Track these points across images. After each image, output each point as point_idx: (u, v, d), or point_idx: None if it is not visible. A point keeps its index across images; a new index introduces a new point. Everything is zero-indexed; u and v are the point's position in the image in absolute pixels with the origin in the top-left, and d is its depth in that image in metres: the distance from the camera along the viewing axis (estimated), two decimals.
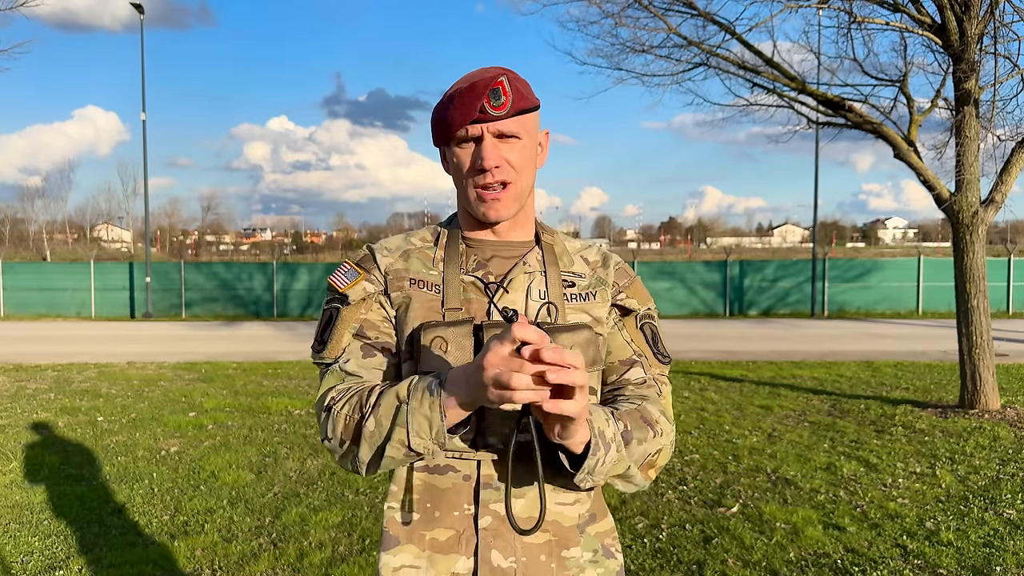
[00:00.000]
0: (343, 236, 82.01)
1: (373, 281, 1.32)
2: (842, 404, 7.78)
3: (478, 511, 1.22)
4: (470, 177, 1.27)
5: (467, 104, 1.22)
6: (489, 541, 1.22)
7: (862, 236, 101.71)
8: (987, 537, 4.05)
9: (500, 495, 1.22)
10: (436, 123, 1.29)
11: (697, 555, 3.84)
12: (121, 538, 4.12)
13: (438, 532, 1.23)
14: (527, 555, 1.23)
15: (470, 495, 1.23)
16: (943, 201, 7.30)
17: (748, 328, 16.92)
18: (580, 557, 1.27)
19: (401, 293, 1.30)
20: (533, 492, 1.23)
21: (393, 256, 1.34)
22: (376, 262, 1.34)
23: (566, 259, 1.37)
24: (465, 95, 1.22)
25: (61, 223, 68.53)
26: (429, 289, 1.30)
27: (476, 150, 1.25)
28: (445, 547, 1.23)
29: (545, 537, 1.24)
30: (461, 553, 1.22)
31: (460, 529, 1.23)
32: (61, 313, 21.17)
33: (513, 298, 1.28)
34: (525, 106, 1.26)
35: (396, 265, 1.33)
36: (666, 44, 8.28)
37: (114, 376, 9.91)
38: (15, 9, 9.32)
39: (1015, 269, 20.21)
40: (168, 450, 6.03)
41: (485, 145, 1.24)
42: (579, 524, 1.28)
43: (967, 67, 6.80)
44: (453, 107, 1.24)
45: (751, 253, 52.15)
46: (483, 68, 1.29)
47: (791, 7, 7.41)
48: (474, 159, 1.25)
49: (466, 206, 1.31)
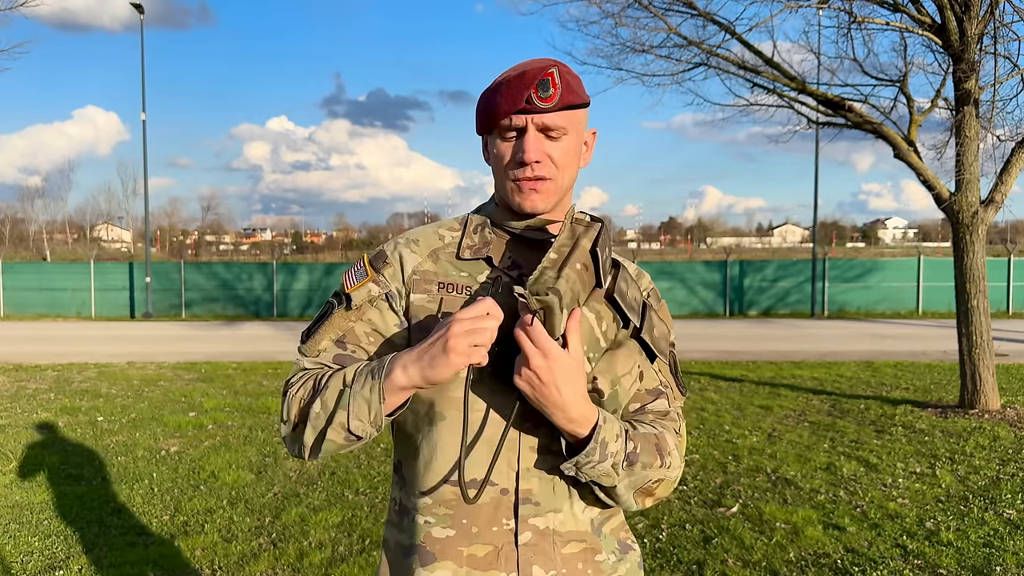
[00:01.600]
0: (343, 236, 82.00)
1: (380, 282, 1.26)
2: (842, 404, 7.78)
3: (518, 526, 1.19)
4: (510, 169, 1.22)
5: (514, 93, 1.17)
6: (530, 557, 1.19)
7: (862, 236, 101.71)
8: (987, 537, 4.05)
9: (539, 510, 1.20)
10: (481, 110, 1.24)
11: (697, 555, 3.84)
12: (121, 538, 4.12)
13: (476, 548, 1.19)
14: (566, 567, 1.21)
15: (509, 510, 1.19)
16: (943, 201, 7.30)
17: (748, 328, 16.92)
18: (608, 559, 1.26)
19: (428, 296, 1.25)
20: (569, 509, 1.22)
21: (421, 254, 1.28)
22: (391, 260, 1.27)
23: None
24: (513, 83, 1.18)
25: (61, 223, 68.56)
26: (459, 292, 1.24)
27: (518, 142, 1.21)
28: (484, 563, 1.19)
29: (581, 546, 1.23)
30: (501, 569, 1.19)
31: (499, 544, 1.19)
32: (61, 313, 21.17)
33: None
34: (574, 101, 1.21)
35: (425, 265, 1.27)
36: (666, 44, 8.28)
37: (114, 376, 9.91)
38: (15, 9, 9.32)
39: (1015, 269, 20.21)
40: (168, 450, 6.03)
41: (528, 138, 1.19)
42: (595, 527, 1.26)
43: (967, 67, 6.80)
44: (500, 95, 1.19)
45: (751, 253, 52.15)
46: (534, 59, 1.24)
47: (791, 7, 7.41)
48: (515, 151, 1.21)
49: (503, 196, 1.26)
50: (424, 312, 1.23)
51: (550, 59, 1.23)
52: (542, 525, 1.20)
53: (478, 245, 1.28)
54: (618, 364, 1.20)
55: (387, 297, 1.25)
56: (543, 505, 1.20)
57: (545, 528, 1.20)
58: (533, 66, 1.19)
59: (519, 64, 1.24)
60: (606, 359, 1.19)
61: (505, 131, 1.21)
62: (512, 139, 1.22)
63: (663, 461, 1.21)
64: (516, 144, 1.21)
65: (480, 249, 1.27)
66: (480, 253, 1.27)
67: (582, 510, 1.24)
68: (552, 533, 1.21)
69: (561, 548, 1.21)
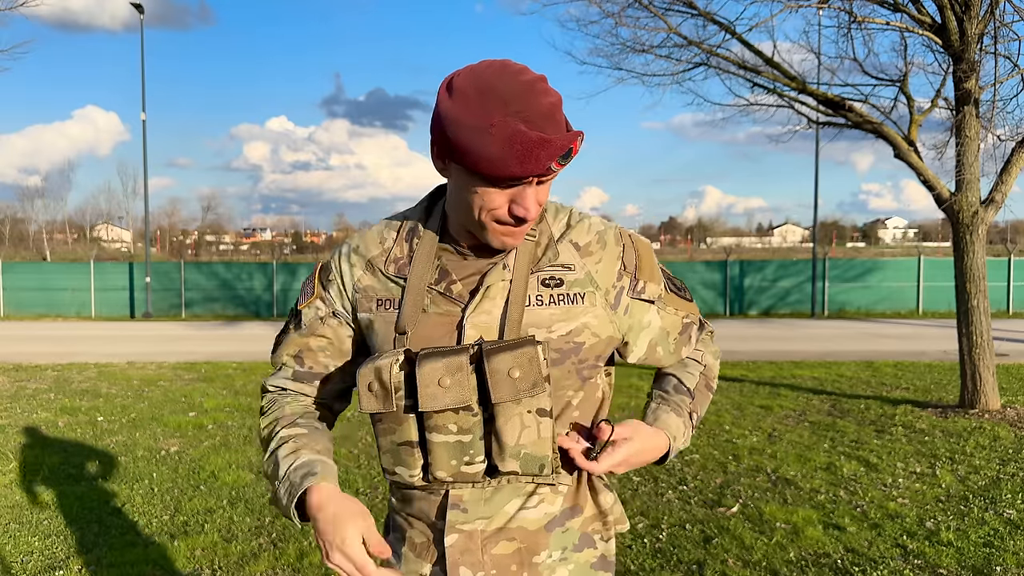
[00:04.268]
0: (343, 236, 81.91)
1: (327, 300, 1.30)
2: (842, 404, 7.78)
3: (444, 528, 1.23)
4: (492, 213, 1.13)
5: (534, 160, 1.05)
6: (456, 558, 1.21)
7: (862, 236, 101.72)
8: (987, 537, 4.05)
9: (467, 516, 1.21)
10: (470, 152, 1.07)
11: (697, 555, 3.84)
12: (121, 538, 4.12)
13: (415, 534, 1.28)
14: (496, 567, 1.21)
15: (438, 512, 1.24)
16: (943, 201, 7.30)
17: (748, 328, 16.92)
18: (547, 559, 1.23)
19: (369, 314, 1.26)
20: (501, 511, 1.21)
21: (360, 265, 1.28)
22: (334, 276, 1.30)
23: (551, 253, 1.23)
24: (534, 151, 1.05)
25: (61, 223, 68.59)
26: (388, 308, 1.23)
27: (517, 195, 1.11)
28: (418, 550, 1.27)
29: (513, 546, 1.22)
30: (428, 561, 1.26)
31: (429, 536, 1.26)
32: (61, 313, 21.17)
33: (488, 307, 1.19)
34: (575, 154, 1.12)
35: (364, 281, 1.27)
36: (666, 44, 8.28)
37: (114, 376, 9.91)
38: (15, 9, 9.32)
39: (1015, 269, 20.21)
40: (168, 450, 6.03)
41: (528, 194, 1.11)
42: (546, 525, 1.23)
43: (967, 67, 6.80)
44: (513, 154, 1.05)
45: (751, 253, 52.17)
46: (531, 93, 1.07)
47: (791, 7, 7.40)
48: (511, 204, 1.12)
49: (471, 224, 1.17)
50: (368, 331, 1.27)
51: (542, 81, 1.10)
52: (468, 528, 1.21)
53: (403, 260, 1.24)
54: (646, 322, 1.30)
55: (335, 314, 1.30)
56: (471, 512, 1.21)
57: (472, 531, 1.21)
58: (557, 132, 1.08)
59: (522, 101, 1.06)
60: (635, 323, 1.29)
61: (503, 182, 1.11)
62: (507, 189, 1.11)
63: (712, 388, 1.42)
64: (513, 195, 1.12)
65: (403, 266, 1.24)
66: (403, 271, 1.23)
67: (525, 506, 1.22)
68: (480, 535, 1.21)
69: (491, 548, 1.22)
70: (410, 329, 1.20)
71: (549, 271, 1.22)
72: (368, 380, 1.16)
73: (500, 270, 1.20)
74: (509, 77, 1.09)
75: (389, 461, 1.22)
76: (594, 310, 1.23)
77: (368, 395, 1.16)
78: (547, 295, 1.20)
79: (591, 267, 1.24)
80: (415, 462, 1.19)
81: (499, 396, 1.12)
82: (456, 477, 1.18)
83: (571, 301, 1.21)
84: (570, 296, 1.21)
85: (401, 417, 1.17)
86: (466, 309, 1.19)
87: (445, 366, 1.12)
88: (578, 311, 1.21)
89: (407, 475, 1.20)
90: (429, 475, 1.19)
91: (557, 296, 1.21)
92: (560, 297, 1.21)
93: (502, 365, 1.11)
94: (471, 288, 1.21)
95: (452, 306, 1.20)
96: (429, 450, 1.17)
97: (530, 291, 1.20)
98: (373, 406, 1.16)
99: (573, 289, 1.22)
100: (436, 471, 1.18)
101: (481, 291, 1.19)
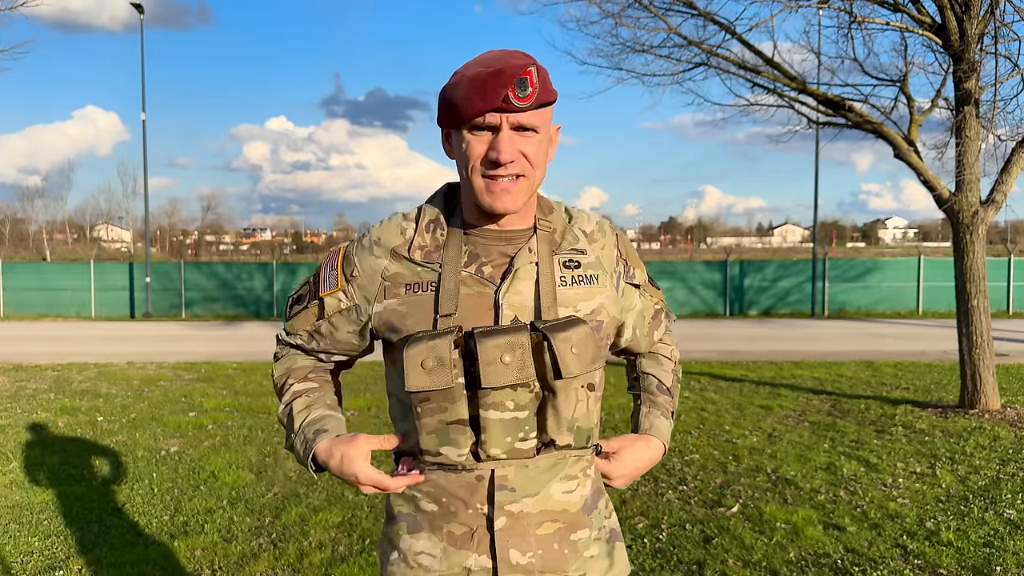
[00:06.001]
0: (343, 236, 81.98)
1: (348, 294, 1.32)
2: (842, 404, 7.77)
3: (492, 512, 1.23)
4: (481, 168, 1.20)
5: (490, 90, 1.13)
6: (506, 541, 1.23)
7: (862, 236, 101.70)
8: (987, 537, 4.05)
9: (515, 496, 1.23)
10: (448, 103, 1.19)
11: (697, 555, 3.84)
12: (121, 538, 4.12)
13: (454, 527, 1.25)
14: (541, 547, 1.25)
15: (484, 496, 1.23)
16: (943, 201, 7.30)
17: (748, 328, 16.92)
18: (584, 536, 1.29)
19: (398, 300, 1.26)
20: (550, 490, 1.26)
21: (384, 255, 1.29)
22: (358, 271, 1.31)
23: (569, 237, 1.31)
24: (489, 81, 1.13)
25: (61, 223, 68.55)
26: (424, 290, 1.24)
27: (493, 141, 1.18)
28: (459, 542, 1.25)
29: (555, 526, 1.26)
30: (473, 551, 1.24)
31: (473, 527, 1.24)
32: (61, 313, 21.17)
33: (519, 287, 1.24)
34: (548, 99, 1.20)
35: (391, 269, 1.28)
36: (666, 44, 8.27)
37: (114, 376, 9.91)
38: (15, 9, 9.32)
39: (1015, 269, 20.21)
40: (168, 450, 6.03)
41: (502, 138, 1.17)
42: (583, 507, 1.30)
43: (967, 67, 6.80)
44: (473, 90, 1.14)
45: (751, 253, 52.18)
46: (505, 51, 1.20)
47: (791, 7, 7.40)
48: (488, 150, 1.18)
49: (470, 194, 1.24)
50: (396, 316, 1.26)
51: (520, 52, 1.20)
52: (517, 510, 1.23)
53: (429, 247, 1.27)
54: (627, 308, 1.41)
55: (354, 309, 1.32)
56: (518, 491, 1.24)
57: (520, 512, 1.24)
58: (510, 63, 1.15)
59: (488, 56, 1.19)
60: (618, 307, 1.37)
61: (475, 128, 1.18)
62: (484, 137, 1.19)
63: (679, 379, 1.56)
64: (491, 142, 1.18)
65: (431, 253, 1.26)
66: (431, 258, 1.26)
67: (566, 492, 1.28)
68: (526, 516, 1.24)
69: (535, 529, 1.25)
70: (453, 309, 1.22)
71: (568, 254, 1.29)
72: (422, 357, 1.15)
73: (526, 252, 1.26)
74: (494, 51, 1.21)
75: (433, 442, 1.21)
76: (606, 291, 1.32)
77: (420, 372, 1.16)
78: (569, 276, 1.28)
79: (598, 252, 1.34)
80: (466, 440, 1.20)
81: (569, 372, 1.17)
82: (509, 454, 1.22)
83: (588, 282, 1.30)
84: (587, 277, 1.30)
85: (456, 395, 1.18)
86: (499, 289, 1.23)
87: (507, 344, 1.16)
88: (595, 291, 1.30)
89: (455, 455, 1.21)
90: (482, 453, 1.21)
91: (578, 277, 1.29)
92: (580, 278, 1.29)
93: (565, 343, 1.17)
94: (501, 270, 1.25)
95: (484, 287, 1.24)
96: (483, 427, 1.20)
97: (555, 272, 1.27)
98: (427, 383, 1.16)
99: (589, 271, 1.31)
100: (490, 448, 1.21)
101: (512, 272, 1.24)
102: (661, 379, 1.50)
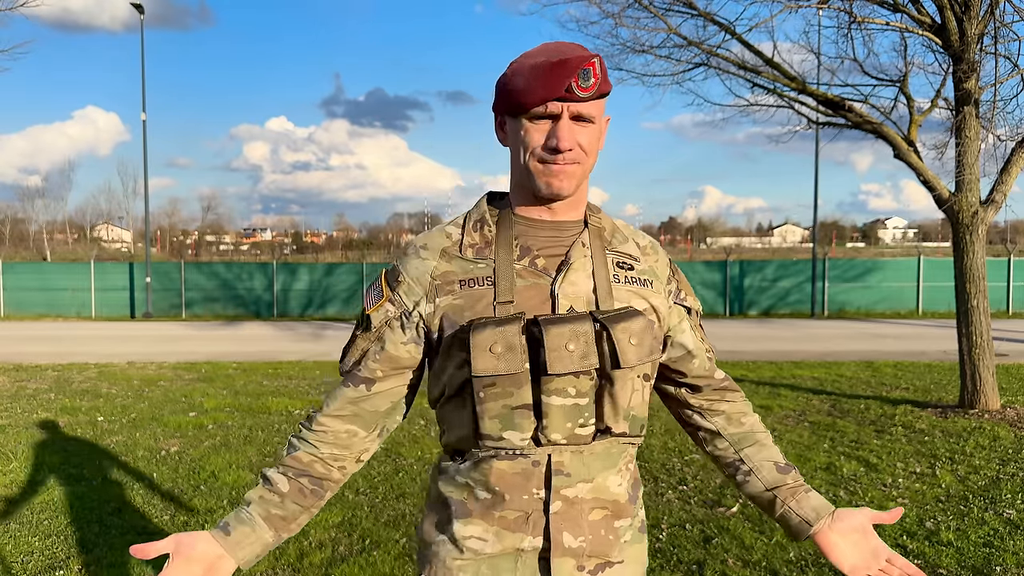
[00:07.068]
0: (343, 236, 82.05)
1: (396, 302, 1.29)
2: (842, 404, 7.78)
3: (549, 496, 1.25)
4: (539, 153, 1.22)
5: (554, 79, 1.16)
6: (560, 524, 1.26)
7: (862, 236, 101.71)
8: (987, 537, 4.05)
9: (570, 481, 1.26)
10: (508, 91, 1.22)
11: (697, 555, 3.84)
12: (121, 538, 4.12)
13: (508, 512, 1.26)
14: (592, 532, 1.28)
15: (541, 481, 1.25)
16: (943, 201, 7.30)
17: (748, 328, 16.92)
18: (623, 524, 1.33)
19: (454, 295, 1.25)
20: (601, 477, 1.29)
21: (432, 257, 1.29)
22: (403, 276, 1.29)
23: (619, 237, 1.35)
24: (554, 70, 1.16)
25: (61, 223, 68.59)
26: (480, 284, 1.25)
27: (552, 129, 1.20)
28: (513, 525, 1.26)
29: (604, 513, 1.30)
30: (528, 533, 1.26)
31: (529, 511, 1.26)
32: (61, 313, 21.18)
33: (574, 279, 1.26)
34: (606, 90, 1.23)
35: (441, 268, 1.28)
36: (666, 44, 8.27)
37: (114, 376, 9.91)
38: (15, 9, 9.32)
39: (1015, 269, 20.21)
40: (168, 450, 6.03)
41: (562, 125, 1.19)
42: (629, 497, 1.34)
43: (967, 67, 6.80)
44: (536, 79, 1.17)
45: (751, 253, 52.18)
46: (563, 43, 1.23)
47: (791, 7, 7.40)
48: (548, 137, 1.20)
49: (524, 179, 1.25)
50: (453, 309, 1.25)
51: (578, 44, 1.23)
52: (572, 495, 1.26)
53: (480, 244, 1.28)
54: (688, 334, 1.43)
55: (402, 316, 1.28)
56: (574, 476, 1.26)
57: (575, 497, 1.27)
58: (574, 53, 1.18)
59: (550, 47, 1.22)
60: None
61: (536, 117, 1.21)
62: (543, 125, 1.21)
63: None
64: (549, 130, 1.20)
65: (482, 249, 1.27)
66: (483, 254, 1.27)
67: (617, 482, 1.31)
68: (580, 501, 1.27)
69: (588, 515, 1.28)
70: (511, 298, 1.23)
71: (619, 255, 1.32)
72: (491, 342, 1.16)
73: (580, 246, 1.28)
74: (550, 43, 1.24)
75: (496, 427, 1.22)
76: (659, 297, 1.35)
77: (488, 356, 1.16)
78: (622, 275, 1.30)
79: (651, 263, 1.37)
80: (529, 425, 1.22)
81: (627, 361, 1.20)
82: (569, 439, 1.24)
83: (642, 284, 1.32)
84: (640, 280, 1.33)
85: (522, 380, 1.20)
86: (555, 280, 1.25)
87: (571, 332, 1.18)
88: (648, 293, 1.32)
89: (517, 439, 1.23)
90: (543, 438, 1.23)
91: (631, 278, 1.32)
92: (632, 279, 1.32)
93: (624, 333, 1.20)
94: (555, 262, 1.27)
95: (539, 279, 1.25)
96: (545, 413, 1.22)
97: (609, 267, 1.30)
98: (496, 367, 1.16)
99: (642, 276, 1.34)
100: (551, 433, 1.23)
101: (568, 264, 1.26)
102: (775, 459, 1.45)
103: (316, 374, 10.22)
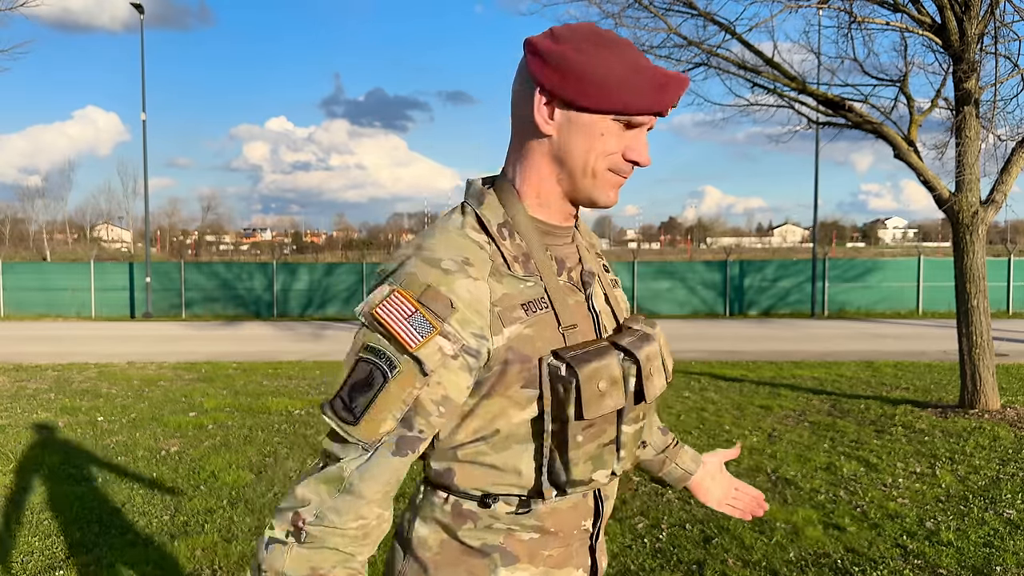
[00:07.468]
0: (343, 236, 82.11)
1: (452, 336, 0.99)
2: (842, 404, 7.77)
3: (597, 525, 1.21)
4: (610, 161, 1.09)
5: (671, 93, 1.07)
6: (600, 549, 1.26)
7: (862, 236, 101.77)
8: (987, 537, 4.05)
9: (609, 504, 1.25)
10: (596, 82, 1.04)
11: (697, 555, 3.84)
12: (121, 538, 4.12)
13: (555, 549, 1.17)
14: (601, 548, 1.29)
15: (590, 510, 1.18)
16: (943, 201, 7.30)
17: (748, 328, 16.92)
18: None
19: (523, 324, 1.05)
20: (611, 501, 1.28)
21: (483, 277, 1.04)
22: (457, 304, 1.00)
23: (593, 239, 1.30)
24: (671, 84, 1.06)
25: (61, 223, 68.64)
26: (540, 308, 1.08)
27: (634, 141, 1.10)
28: (561, 561, 1.17)
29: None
30: (575, 565, 1.19)
31: (575, 544, 1.19)
32: (61, 313, 21.17)
33: (598, 291, 1.20)
34: None
35: (497, 291, 1.05)
36: (666, 44, 8.27)
37: (114, 376, 9.91)
38: (15, 9, 9.33)
39: (1015, 269, 20.21)
40: (168, 450, 6.03)
41: (644, 139, 1.11)
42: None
43: (967, 67, 6.80)
44: (650, 86, 1.05)
45: (751, 253, 52.19)
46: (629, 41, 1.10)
47: (791, 7, 7.40)
48: (627, 147, 1.09)
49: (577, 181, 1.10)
50: (523, 342, 1.05)
51: None
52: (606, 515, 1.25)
53: (522, 257, 1.10)
54: None
55: (463, 354, 1.01)
56: (609, 497, 1.25)
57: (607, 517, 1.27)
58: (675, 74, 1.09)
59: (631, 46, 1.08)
60: None
61: (627, 122, 1.08)
62: (626, 132, 1.09)
63: None
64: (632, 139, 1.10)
65: (527, 263, 1.10)
66: (530, 269, 1.09)
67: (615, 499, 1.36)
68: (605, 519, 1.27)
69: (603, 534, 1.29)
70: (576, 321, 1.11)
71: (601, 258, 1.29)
72: (599, 378, 1.03)
73: (585, 252, 1.22)
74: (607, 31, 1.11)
75: (587, 470, 1.08)
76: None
77: (599, 395, 1.04)
78: (608, 278, 1.27)
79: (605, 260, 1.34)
80: (612, 461, 1.12)
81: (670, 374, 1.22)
82: (635, 464, 1.28)
83: (616, 285, 1.29)
84: (616, 280, 1.30)
85: (612, 415, 1.08)
86: (591, 296, 1.17)
87: (653, 352, 1.14)
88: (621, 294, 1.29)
89: (604, 477, 1.11)
90: (618, 469, 1.15)
91: (612, 281, 1.28)
92: (615, 281, 1.29)
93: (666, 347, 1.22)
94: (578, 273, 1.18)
95: (576, 294, 1.15)
96: (623, 444, 1.12)
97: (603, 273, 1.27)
98: (602, 405, 1.04)
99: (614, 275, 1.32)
100: (627, 463, 1.16)
101: (594, 276, 1.20)
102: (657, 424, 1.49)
103: (316, 374, 10.22)
